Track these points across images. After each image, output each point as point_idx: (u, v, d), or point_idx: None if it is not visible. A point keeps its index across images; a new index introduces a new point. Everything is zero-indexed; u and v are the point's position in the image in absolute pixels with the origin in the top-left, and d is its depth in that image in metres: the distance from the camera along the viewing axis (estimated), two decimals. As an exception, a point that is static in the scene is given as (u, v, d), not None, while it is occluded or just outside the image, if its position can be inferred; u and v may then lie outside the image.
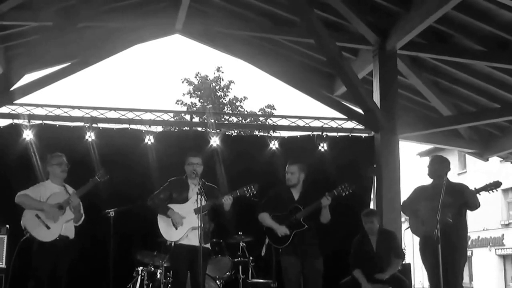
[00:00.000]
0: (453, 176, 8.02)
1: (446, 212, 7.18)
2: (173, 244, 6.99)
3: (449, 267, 7.24)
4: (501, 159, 13.03)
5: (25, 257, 6.87)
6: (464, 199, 7.31)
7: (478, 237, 30.16)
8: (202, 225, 6.68)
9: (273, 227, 7.23)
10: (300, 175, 7.40)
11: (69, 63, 10.19)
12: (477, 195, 7.24)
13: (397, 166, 9.74)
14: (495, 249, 29.61)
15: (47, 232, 6.88)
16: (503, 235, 29.12)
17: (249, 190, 6.96)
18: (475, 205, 7.30)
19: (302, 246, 7.18)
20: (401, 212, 7.84)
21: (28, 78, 9.66)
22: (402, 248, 8.46)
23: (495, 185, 7.05)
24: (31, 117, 9.37)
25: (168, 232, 6.97)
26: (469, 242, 26.01)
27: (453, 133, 11.82)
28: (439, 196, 7.18)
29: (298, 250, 7.17)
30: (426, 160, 31.92)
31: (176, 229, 6.93)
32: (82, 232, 8.40)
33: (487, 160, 12.62)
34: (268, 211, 7.33)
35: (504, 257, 29.84)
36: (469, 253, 25.43)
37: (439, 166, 7.55)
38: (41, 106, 9.61)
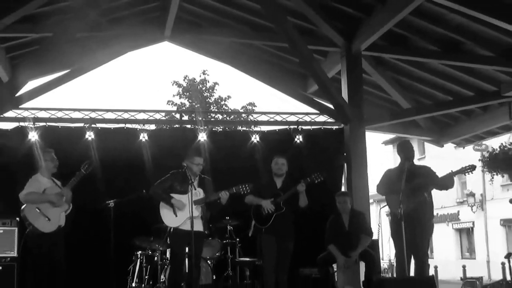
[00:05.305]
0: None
1: (421, 194, 7.28)
2: (172, 230, 7.05)
3: (419, 239, 7.35)
4: (455, 145, 13.13)
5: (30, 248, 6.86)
6: (435, 180, 7.39)
7: (437, 214, 30.35)
8: (202, 214, 6.97)
9: (259, 202, 7.41)
10: (286, 166, 7.66)
11: (69, 70, 10.12)
12: (454, 177, 7.33)
13: (364, 153, 9.77)
14: (452, 224, 29.87)
15: (48, 223, 6.83)
16: (458, 211, 29.37)
17: (244, 188, 7.09)
18: (449, 186, 7.39)
19: (281, 228, 7.40)
20: (377, 192, 7.92)
21: (32, 84, 9.62)
22: (371, 226, 8.51)
23: (471, 168, 7.15)
24: (35, 120, 9.31)
25: (169, 218, 7.01)
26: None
27: (413, 123, 11.91)
28: (413, 177, 7.28)
29: (277, 230, 7.39)
30: (390, 148, 32.11)
31: (176, 216, 6.96)
32: (85, 221, 8.42)
33: (443, 146, 12.72)
34: (254, 195, 7.47)
35: (460, 231, 30.12)
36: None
37: (409, 148, 7.67)
38: (45, 109, 9.56)
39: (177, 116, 11.25)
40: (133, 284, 8.04)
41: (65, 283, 6.98)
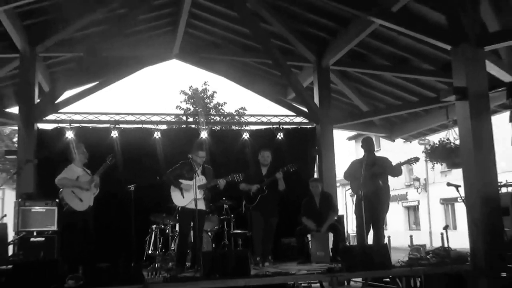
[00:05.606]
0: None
1: (377, 179, 7.32)
2: (180, 208, 7.05)
3: (377, 217, 7.39)
4: (404, 140, 13.16)
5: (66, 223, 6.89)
6: (389, 168, 7.43)
7: (390, 194, 30.46)
8: (204, 196, 7.04)
9: (248, 188, 7.60)
10: (271, 157, 7.79)
11: (97, 82, 10.08)
12: (401, 166, 7.36)
13: (332, 147, 9.81)
14: (401, 203, 30.03)
15: (80, 203, 6.85)
16: (406, 192, 29.53)
17: (237, 177, 7.16)
18: (398, 174, 7.45)
19: (265, 206, 7.54)
20: (344, 178, 7.97)
21: (68, 93, 9.54)
22: (337, 205, 8.53)
23: (415, 159, 7.27)
24: (71, 121, 9.25)
25: (178, 199, 7.05)
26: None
27: (370, 123, 11.96)
28: (372, 166, 7.30)
29: (262, 208, 7.53)
30: (353, 142, 32.16)
31: (184, 197, 6.98)
32: (111, 202, 8.38)
33: (394, 141, 12.77)
34: (246, 182, 7.57)
35: (408, 208, 30.30)
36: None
37: (371, 143, 7.72)
38: (79, 113, 9.49)
39: (184, 118, 11.17)
40: (149, 252, 8.01)
41: (95, 250, 6.96)
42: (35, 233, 7.43)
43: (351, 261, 6.11)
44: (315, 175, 9.91)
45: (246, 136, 9.85)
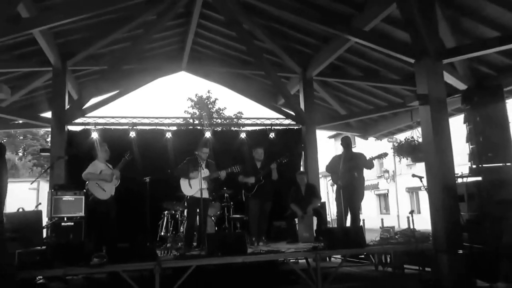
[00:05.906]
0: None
1: (353, 171, 7.34)
2: (188, 197, 7.03)
3: (354, 203, 7.40)
4: (375, 138, 13.17)
5: (92, 210, 6.89)
6: (364, 162, 7.45)
7: (364, 184, 30.45)
8: (208, 186, 7.02)
9: (246, 180, 7.58)
10: (263, 153, 7.80)
11: (118, 91, 10.02)
12: (373, 160, 7.39)
13: (315, 145, 9.80)
14: (374, 191, 30.13)
15: (103, 193, 6.87)
16: (378, 182, 29.64)
17: (236, 169, 7.16)
18: (371, 167, 7.47)
19: (261, 194, 7.48)
20: (326, 171, 7.96)
21: (93, 100, 9.47)
22: (320, 193, 8.52)
23: (384, 154, 7.36)
24: (96, 124, 9.20)
25: (186, 189, 7.05)
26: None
27: (347, 124, 11.95)
28: (349, 160, 7.31)
29: (259, 196, 7.50)
30: (332, 140, 32.20)
31: (191, 187, 6.96)
32: (130, 192, 8.31)
33: (367, 139, 12.77)
34: (243, 174, 7.57)
35: (379, 196, 30.40)
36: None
37: (349, 141, 7.73)
38: (102, 117, 9.44)
39: (191, 121, 11.17)
40: (162, 233, 7.98)
41: (117, 232, 6.94)
42: (65, 219, 7.38)
43: (332, 240, 6.11)
44: (301, 169, 9.90)
45: (243, 135, 9.83)
